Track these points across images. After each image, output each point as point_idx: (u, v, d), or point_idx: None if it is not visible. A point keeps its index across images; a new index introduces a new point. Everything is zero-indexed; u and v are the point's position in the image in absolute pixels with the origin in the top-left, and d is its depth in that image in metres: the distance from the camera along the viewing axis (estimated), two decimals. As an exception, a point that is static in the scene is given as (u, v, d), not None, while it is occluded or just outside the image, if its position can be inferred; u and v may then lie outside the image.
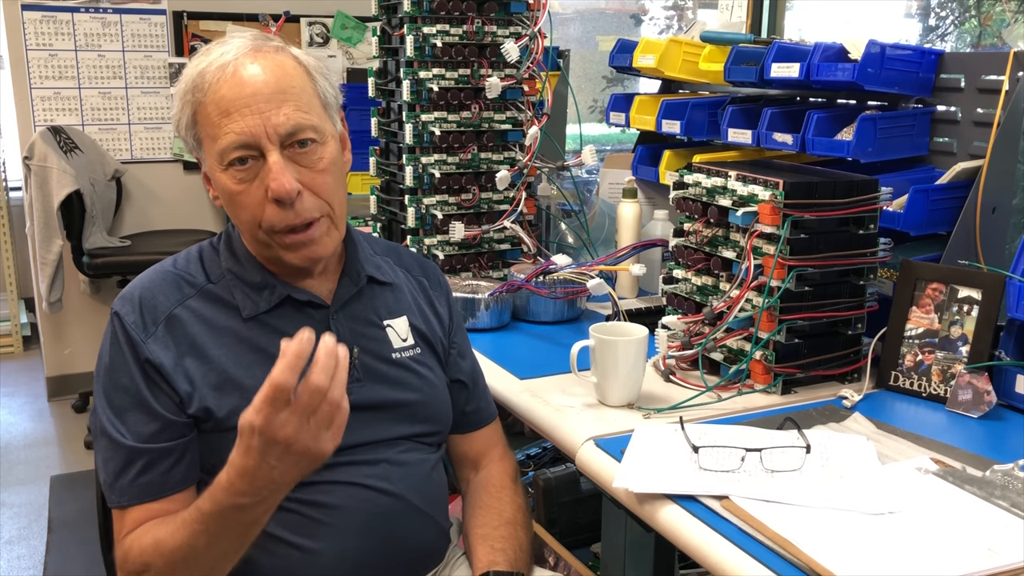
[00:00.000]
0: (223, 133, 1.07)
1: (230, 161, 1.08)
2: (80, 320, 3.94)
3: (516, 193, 1.90)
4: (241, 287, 1.16)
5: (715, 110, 1.98)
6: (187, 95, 1.10)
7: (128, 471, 1.08)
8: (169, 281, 1.16)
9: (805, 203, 1.33)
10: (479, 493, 1.30)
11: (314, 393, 0.90)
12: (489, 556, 1.20)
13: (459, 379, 1.32)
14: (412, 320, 1.27)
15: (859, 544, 0.95)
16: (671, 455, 1.14)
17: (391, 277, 1.28)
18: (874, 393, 1.42)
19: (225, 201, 1.13)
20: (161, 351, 1.10)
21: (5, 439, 3.55)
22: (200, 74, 1.08)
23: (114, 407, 1.10)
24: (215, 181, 1.12)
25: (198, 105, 1.09)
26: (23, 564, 2.70)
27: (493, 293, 1.70)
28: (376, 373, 1.20)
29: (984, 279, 1.38)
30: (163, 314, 1.12)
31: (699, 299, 1.50)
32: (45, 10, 3.72)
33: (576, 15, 5.64)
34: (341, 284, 1.21)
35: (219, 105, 1.07)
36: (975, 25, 4.90)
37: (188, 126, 1.11)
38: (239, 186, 1.09)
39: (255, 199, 1.09)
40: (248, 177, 1.08)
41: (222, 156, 1.08)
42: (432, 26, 1.81)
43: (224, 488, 0.97)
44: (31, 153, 3.39)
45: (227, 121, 1.06)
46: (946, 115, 1.68)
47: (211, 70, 1.07)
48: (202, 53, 1.11)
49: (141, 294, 1.14)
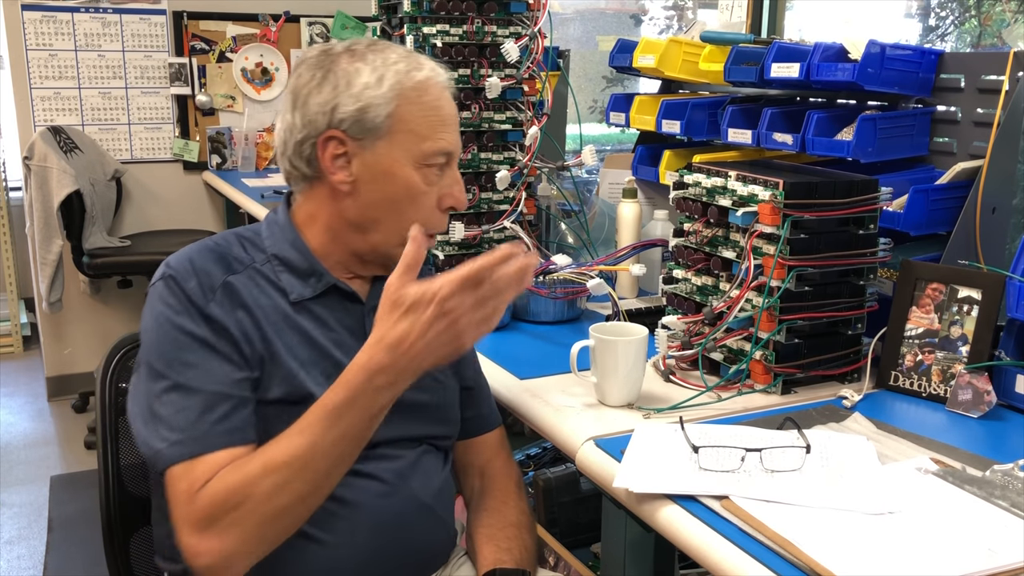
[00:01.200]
0: (438, 137, 1.18)
1: (431, 163, 1.18)
2: (80, 320, 3.95)
3: (516, 193, 1.90)
4: (287, 272, 1.19)
5: (715, 110, 1.98)
6: (404, 90, 1.16)
7: (209, 415, 1.06)
8: (216, 256, 1.17)
9: (805, 203, 1.33)
10: (484, 498, 1.31)
11: (498, 285, 1.00)
12: (495, 555, 1.21)
13: (466, 384, 1.34)
14: None
15: (859, 544, 0.95)
16: (671, 455, 1.14)
17: None
18: (874, 393, 1.42)
19: (402, 195, 1.17)
20: (223, 315, 1.11)
21: (5, 439, 3.55)
22: (425, 81, 1.18)
23: (183, 359, 1.08)
24: (399, 174, 1.17)
25: (414, 103, 1.16)
26: (23, 564, 2.70)
27: (493, 293, 1.69)
28: None
29: (984, 279, 1.38)
30: (218, 281, 1.14)
31: (699, 299, 1.50)
32: (45, 10, 3.72)
33: (576, 15, 5.64)
34: (375, 287, 1.24)
35: (439, 113, 1.19)
36: (975, 25, 4.90)
37: (385, 114, 1.15)
38: (426, 187, 1.18)
39: (430, 201, 1.20)
40: (434, 181, 1.19)
41: (427, 156, 1.17)
42: (432, 26, 1.81)
43: (362, 367, 1.01)
44: (31, 153, 3.39)
45: (444, 130, 1.19)
46: (946, 115, 1.68)
47: (434, 82, 1.19)
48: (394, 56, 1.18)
49: (192, 260, 1.15)
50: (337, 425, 1.02)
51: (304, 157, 1.18)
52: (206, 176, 4.03)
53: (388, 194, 1.17)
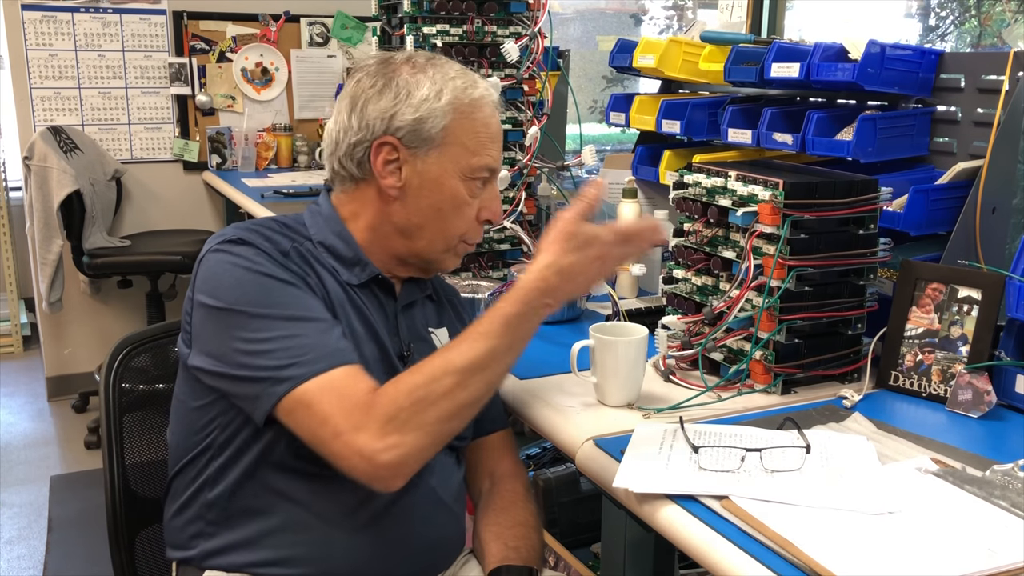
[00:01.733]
0: (486, 153, 1.24)
1: (477, 177, 1.23)
2: (80, 320, 3.95)
3: (516, 193, 1.90)
4: (333, 259, 1.24)
5: (715, 110, 1.98)
6: (461, 106, 1.21)
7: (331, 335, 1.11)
8: (274, 229, 1.22)
9: (805, 203, 1.33)
10: (493, 499, 1.32)
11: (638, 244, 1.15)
12: (502, 552, 1.22)
13: None
14: (451, 335, 1.34)
15: (859, 544, 0.95)
16: (671, 455, 1.14)
17: (435, 295, 1.39)
18: (874, 393, 1.42)
19: (448, 204, 1.23)
20: (301, 271, 1.17)
21: (5, 439, 3.55)
22: (480, 99, 1.23)
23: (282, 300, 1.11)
24: (447, 184, 1.22)
25: (468, 119, 1.22)
26: (23, 564, 2.71)
27: (493, 293, 1.70)
28: None
29: (984, 279, 1.38)
30: (287, 246, 1.19)
31: (699, 299, 1.50)
32: (45, 10, 3.72)
33: (576, 15, 5.64)
34: (406, 287, 1.31)
35: (489, 131, 1.24)
36: (975, 25, 4.90)
37: (441, 126, 1.20)
38: (470, 199, 1.24)
39: (472, 212, 1.26)
40: (477, 194, 1.25)
41: (475, 170, 1.23)
42: (432, 26, 1.81)
43: (535, 287, 1.08)
44: (31, 153, 3.39)
45: (492, 146, 1.25)
46: (946, 115, 1.68)
47: (487, 101, 1.24)
48: (453, 72, 1.24)
49: (256, 229, 1.19)
50: (511, 334, 1.08)
51: (355, 159, 1.22)
52: (206, 176, 4.03)
53: (434, 202, 1.22)
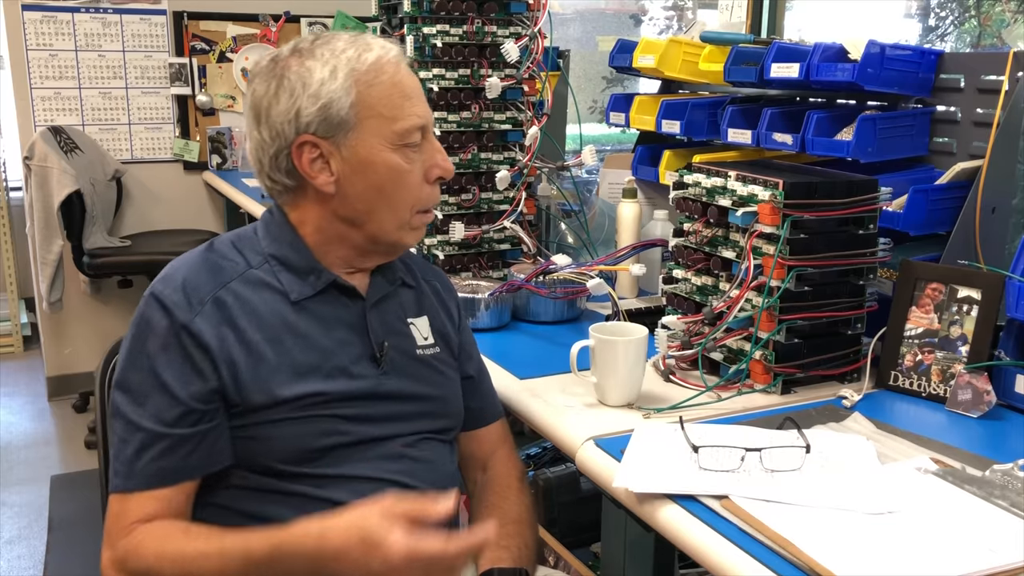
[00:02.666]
0: (406, 115, 1.16)
1: (408, 142, 1.16)
2: (80, 320, 3.95)
3: (516, 193, 1.90)
4: (286, 271, 1.18)
5: (715, 110, 1.98)
6: (360, 76, 1.14)
7: (144, 454, 1.08)
8: (209, 266, 1.16)
9: (805, 203, 1.33)
10: (486, 493, 1.31)
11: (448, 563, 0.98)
12: (494, 553, 1.20)
13: (468, 375, 1.35)
14: (432, 321, 1.31)
15: (859, 544, 0.95)
16: (671, 455, 1.14)
17: (412, 280, 1.32)
18: (874, 393, 1.42)
19: (387, 180, 1.16)
20: (208, 328, 1.11)
21: (5, 439, 3.55)
22: (377, 61, 1.15)
23: (135, 389, 1.10)
24: (379, 160, 1.15)
25: (373, 86, 1.14)
26: (23, 564, 2.71)
27: (493, 293, 1.70)
28: (402, 369, 1.23)
29: (984, 279, 1.38)
30: (208, 295, 1.13)
31: (699, 299, 1.50)
32: (45, 10, 3.72)
33: (576, 15, 5.64)
34: (374, 281, 1.25)
35: (402, 89, 1.16)
36: (975, 25, 4.90)
37: (348, 104, 1.13)
38: (408, 165, 1.17)
39: (416, 179, 1.18)
40: (415, 158, 1.18)
41: (402, 136, 1.16)
42: (432, 26, 1.81)
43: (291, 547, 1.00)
44: (31, 153, 3.39)
45: (410, 105, 1.16)
46: (946, 115, 1.68)
47: (387, 60, 1.16)
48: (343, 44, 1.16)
49: (184, 276, 1.14)
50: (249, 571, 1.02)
51: (283, 169, 1.17)
52: (206, 176, 4.03)
53: (373, 183, 1.16)
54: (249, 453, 1.12)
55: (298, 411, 1.13)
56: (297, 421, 1.13)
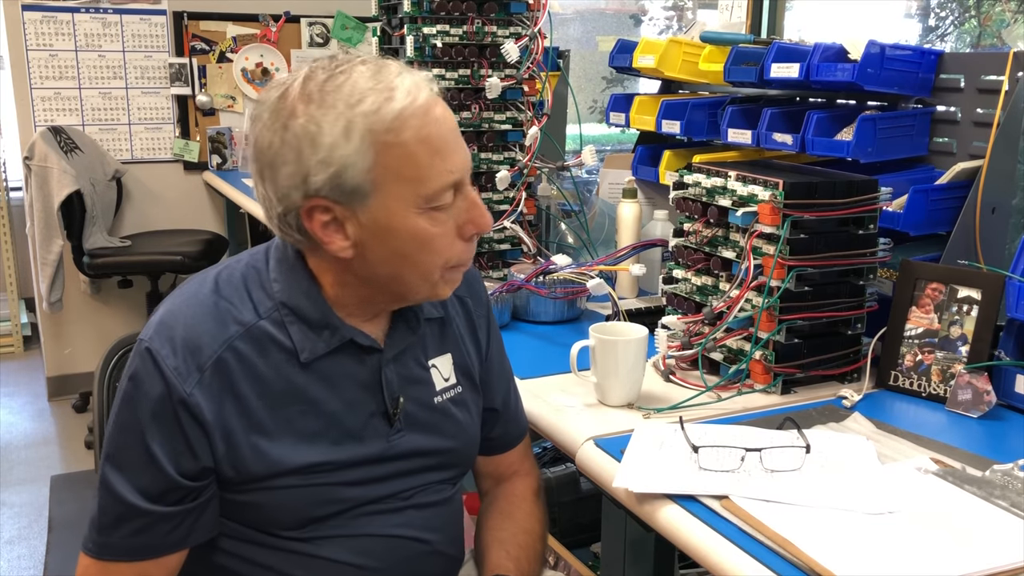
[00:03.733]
0: (436, 174, 0.99)
1: (437, 204, 1.00)
2: (80, 320, 3.95)
3: (516, 193, 1.90)
4: (299, 324, 1.04)
5: (715, 110, 1.98)
6: (379, 135, 0.97)
7: (121, 527, 1.01)
8: (212, 315, 1.03)
9: (805, 203, 1.33)
10: (500, 501, 1.27)
11: None
12: (501, 560, 1.17)
13: (491, 407, 1.26)
14: (456, 357, 1.20)
15: (859, 544, 0.95)
16: (671, 455, 1.14)
17: (440, 310, 1.19)
18: (874, 393, 1.42)
19: (412, 247, 1.01)
20: (206, 402, 0.99)
21: (5, 439, 3.55)
22: (402, 112, 0.97)
23: (123, 457, 1.01)
24: (401, 228, 1.00)
25: (396, 147, 0.97)
26: (23, 564, 2.71)
27: (493, 293, 1.70)
28: (417, 422, 1.13)
29: (984, 279, 1.38)
30: (209, 359, 1.00)
31: (699, 299, 1.50)
32: (45, 10, 3.72)
33: (576, 15, 5.64)
34: (396, 328, 1.12)
35: (430, 145, 0.98)
36: (975, 25, 4.90)
37: (365, 169, 0.97)
38: (437, 228, 1.01)
39: (448, 238, 1.03)
40: (446, 218, 1.02)
41: (430, 199, 1.00)
42: (432, 26, 1.81)
43: None
44: (31, 153, 3.39)
45: (440, 161, 0.99)
46: (946, 115, 1.68)
47: (413, 110, 0.98)
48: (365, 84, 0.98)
49: (184, 334, 1.01)
50: None
51: (293, 227, 1.02)
52: (206, 176, 4.03)
53: (395, 249, 1.01)
54: (244, 516, 1.06)
55: (299, 480, 1.04)
56: (298, 490, 1.04)
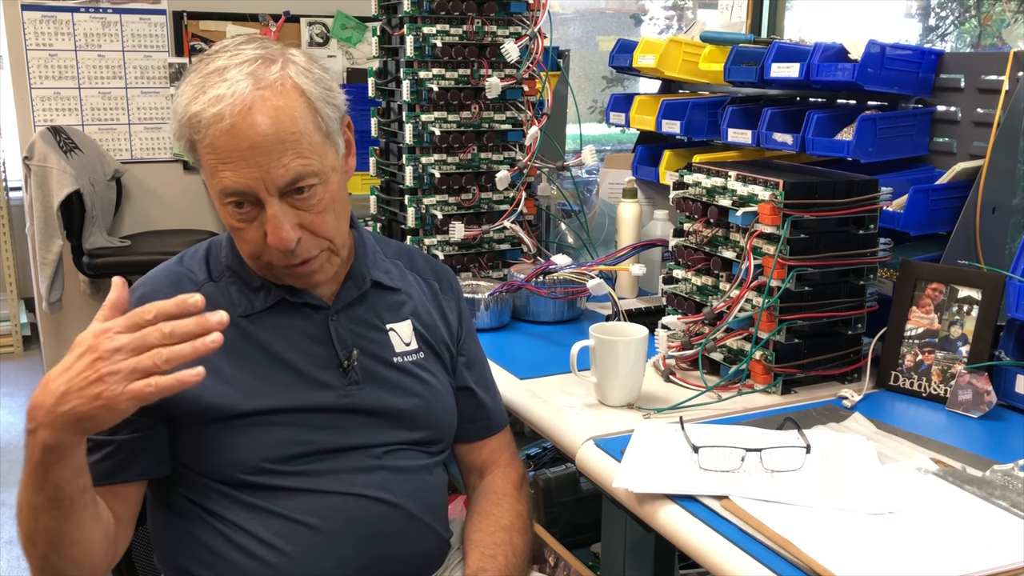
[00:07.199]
0: (220, 177, 1.04)
1: (226, 202, 1.07)
2: (80, 320, 3.94)
3: (516, 193, 1.90)
4: (239, 286, 1.16)
5: (715, 110, 1.98)
6: (183, 128, 1.06)
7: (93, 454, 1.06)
8: (172, 279, 1.17)
9: (805, 203, 1.33)
10: (480, 499, 1.29)
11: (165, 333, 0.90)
12: (479, 563, 1.18)
13: (466, 387, 1.30)
14: (417, 325, 1.25)
15: (859, 544, 0.95)
16: (671, 455, 1.14)
17: (398, 282, 1.26)
18: (874, 393, 1.42)
19: (229, 229, 1.13)
20: None
21: (5, 439, 3.54)
22: (195, 116, 1.03)
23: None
24: (220, 209, 1.11)
25: (195, 141, 1.06)
26: (23, 564, 2.69)
27: (493, 293, 1.70)
28: (376, 376, 1.18)
29: (984, 279, 1.38)
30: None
31: (699, 299, 1.50)
32: (45, 10, 3.72)
33: (576, 15, 5.64)
34: (344, 287, 1.20)
35: (216, 153, 1.03)
36: (975, 25, 4.90)
37: (187, 148, 1.09)
38: (240, 223, 1.09)
39: (256, 237, 1.09)
40: (247, 218, 1.08)
41: (219, 195, 1.07)
42: (432, 26, 1.81)
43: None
44: (31, 153, 3.39)
45: (224, 168, 1.04)
46: (946, 115, 1.68)
47: (206, 116, 1.02)
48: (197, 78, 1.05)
49: (143, 292, 1.15)
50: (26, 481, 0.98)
51: None
52: (206, 176, 4.04)
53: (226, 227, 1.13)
54: (207, 462, 1.10)
55: (257, 422, 1.10)
56: (256, 430, 1.10)
